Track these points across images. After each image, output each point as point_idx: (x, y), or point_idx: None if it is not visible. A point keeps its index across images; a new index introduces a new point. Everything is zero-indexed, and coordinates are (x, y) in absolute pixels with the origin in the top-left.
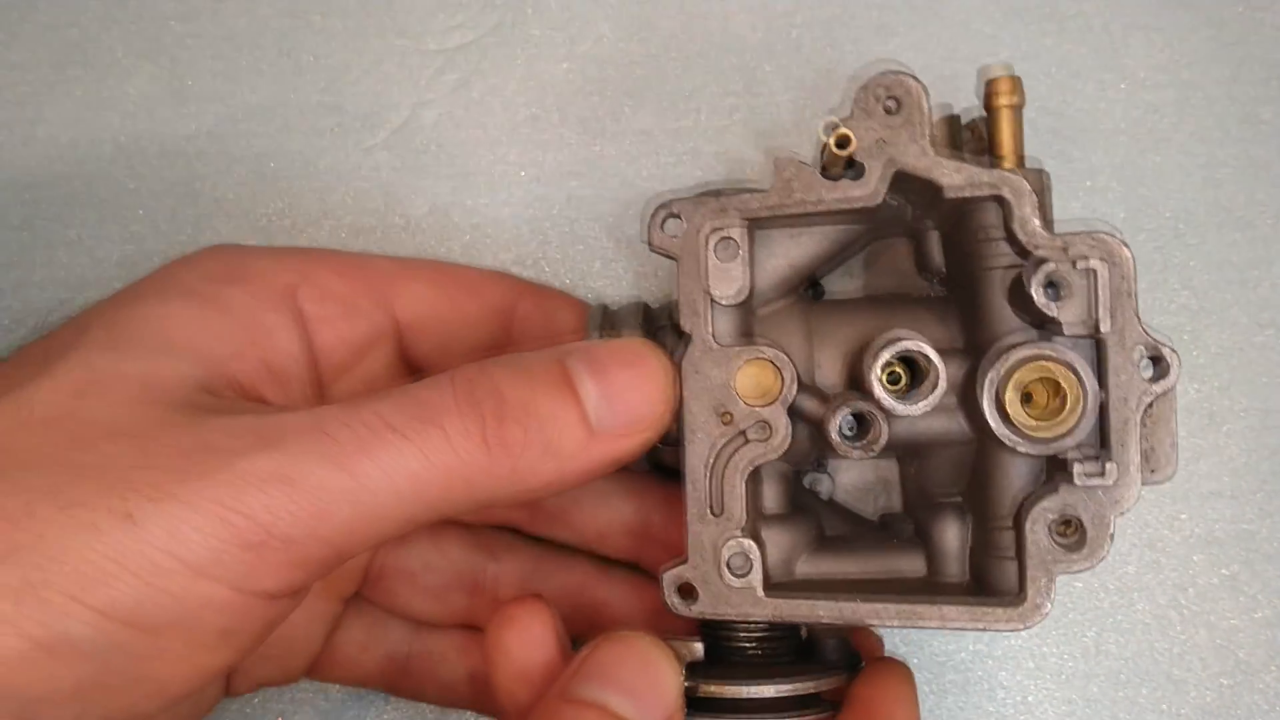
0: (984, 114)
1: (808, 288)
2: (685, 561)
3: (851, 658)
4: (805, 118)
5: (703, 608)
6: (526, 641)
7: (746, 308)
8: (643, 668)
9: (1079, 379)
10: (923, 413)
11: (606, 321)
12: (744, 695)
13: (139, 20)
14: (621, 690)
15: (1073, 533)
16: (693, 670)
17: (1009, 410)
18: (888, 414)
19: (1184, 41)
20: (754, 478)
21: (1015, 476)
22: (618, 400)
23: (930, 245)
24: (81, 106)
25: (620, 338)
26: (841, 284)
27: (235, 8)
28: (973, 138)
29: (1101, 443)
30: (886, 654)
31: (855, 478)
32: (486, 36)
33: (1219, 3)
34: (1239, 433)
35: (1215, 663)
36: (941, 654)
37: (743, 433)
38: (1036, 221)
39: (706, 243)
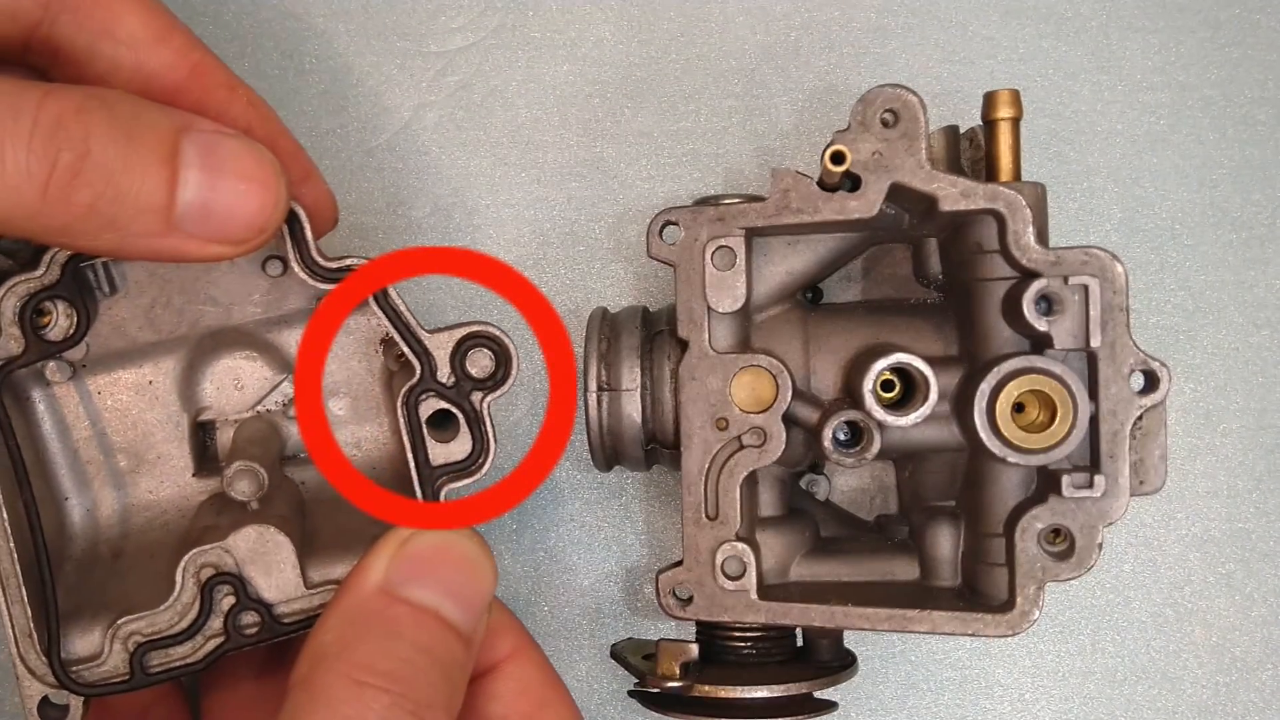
0: (983, 124)
1: (805, 293)
2: (680, 565)
3: (845, 658)
4: (804, 120)
5: (698, 611)
6: None
7: (744, 315)
8: (466, 568)
9: (1070, 393)
10: (914, 424)
11: (606, 324)
12: (738, 696)
13: None
14: (448, 591)
15: (1062, 542)
16: (687, 670)
17: (1000, 423)
18: (880, 424)
19: (1180, 44)
20: (750, 482)
21: (1006, 486)
22: (217, 208)
23: (928, 252)
24: None
25: (237, 139)
26: (839, 289)
27: (237, 9)
28: (971, 147)
29: (1091, 455)
30: (880, 654)
31: (852, 480)
32: (488, 39)
33: (1215, 5)
34: (1235, 432)
35: (1211, 660)
36: (939, 652)
37: (738, 439)
38: (1031, 237)
39: (705, 252)
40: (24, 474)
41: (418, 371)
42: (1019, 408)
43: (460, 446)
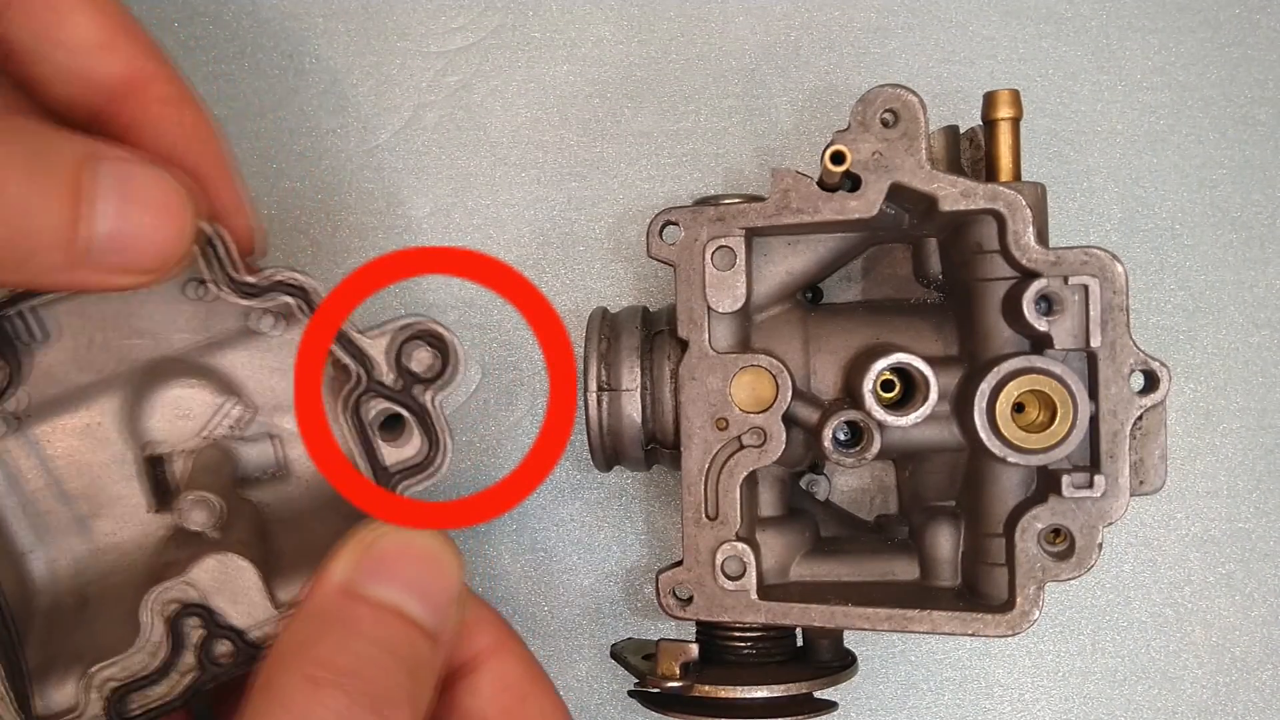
0: (983, 124)
1: (805, 293)
2: (680, 565)
3: (845, 658)
4: (804, 120)
5: (698, 611)
6: None
7: (744, 315)
8: (429, 565)
9: (1070, 393)
10: (914, 424)
11: (606, 324)
12: (738, 696)
13: (141, 22)
14: (411, 589)
15: (1061, 542)
16: (687, 670)
17: (1000, 423)
18: (880, 424)
19: (1180, 43)
20: (750, 482)
21: (1006, 486)
22: (123, 240)
23: (928, 252)
24: None
25: (145, 167)
26: (839, 289)
27: (238, 9)
28: (971, 147)
29: (1091, 455)
30: (880, 654)
31: (852, 480)
32: (488, 39)
33: (1215, 5)
34: (1235, 432)
35: (1211, 660)
36: (939, 652)
37: (738, 439)
38: (1031, 237)
39: (705, 252)
40: None
41: (354, 375)
42: (1019, 408)
43: (413, 447)
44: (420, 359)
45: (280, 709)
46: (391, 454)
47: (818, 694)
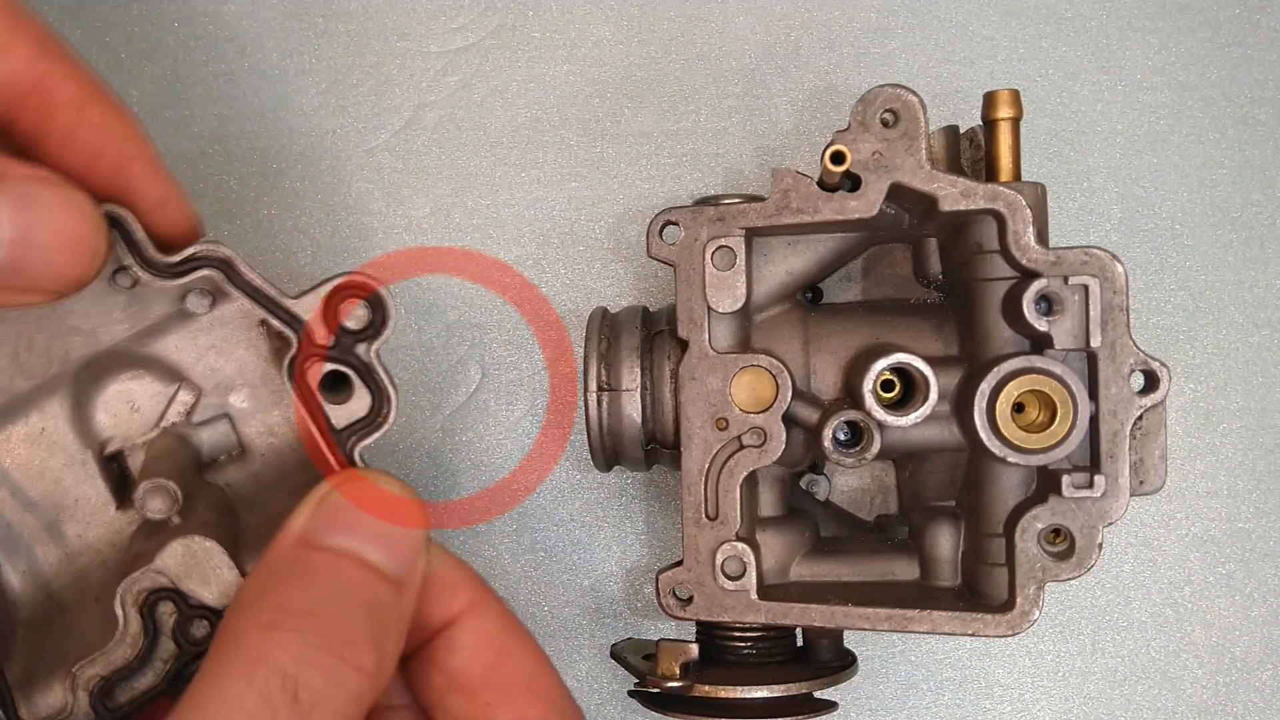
0: (983, 124)
1: (805, 293)
2: (680, 565)
3: (845, 658)
4: (804, 120)
5: (698, 611)
6: None
7: (744, 315)
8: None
9: (1070, 393)
10: (914, 424)
11: (606, 324)
12: (738, 696)
13: (142, 22)
14: (369, 536)
15: (1062, 542)
16: (687, 670)
17: (1000, 423)
18: (880, 424)
19: (1180, 43)
20: (750, 482)
21: (1006, 486)
22: (31, 261)
23: (928, 252)
24: None
25: (53, 186)
26: (839, 289)
27: (237, 10)
28: (971, 147)
29: (1091, 455)
30: (880, 654)
31: (852, 480)
32: (488, 39)
33: (1215, 5)
34: (1235, 432)
35: (1211, 661)
36: (939, 652)
37: (738, 439)
38: (1031, 237)
39: (705, 252)
40: None
41: (292, 340)
42: (1019, 408)
43: (360, 403)
44: (353, 314)
45: (235, 654)
46: (340, 414)
47: (818, 694)
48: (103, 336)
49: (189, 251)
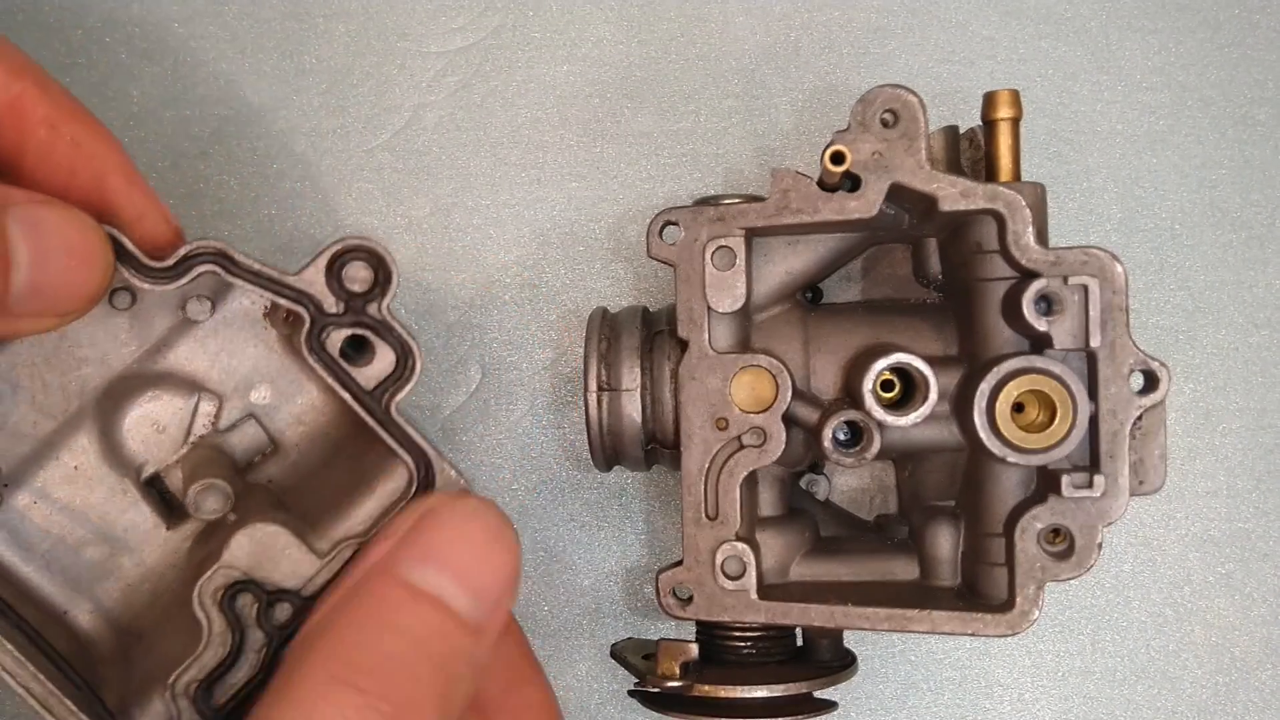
0: (983, 124)
1: (805, 293)
2: (680, 565)
3: (845, 658)
4: (804, 120)
5: (698, 611)
6: None
7: (744, 315)
8: (482, 547)
9: (1069, 393)
10: (914, 424)
11: (606, 324)
12: (738, 696)
13: (142, 22)
14: (456, 573)
15: (1061, 542)
16: (687, 670)
17: (1000, 423)
18: (880, 424)
19: (1180, 44)
20: (750, 482)
21: (1006, 486)
22: (46, 285)
23: (928, 252)
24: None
25: (56, 209)
26: (839, 289)
27: (238, 10)
28: (971, 147)
29: (1091, 455)
30: (880, 654)
31: (852, 480)
32: (488, 39)
33: (1215, 5)
34: (1234, 432)
35: (1211, 660)
36: (939, 651)
37: (738, 439)
38: (1030, 237)
39: (705, 252)
40: (14, 616)
41: (305, 316)
42: (1019, 408)
43: (384, 360)
44: (357, 276)
45: (289, 703)
46: (368, 376)
47: (818, 694)
48: (113, 361)
49: (183, 251)
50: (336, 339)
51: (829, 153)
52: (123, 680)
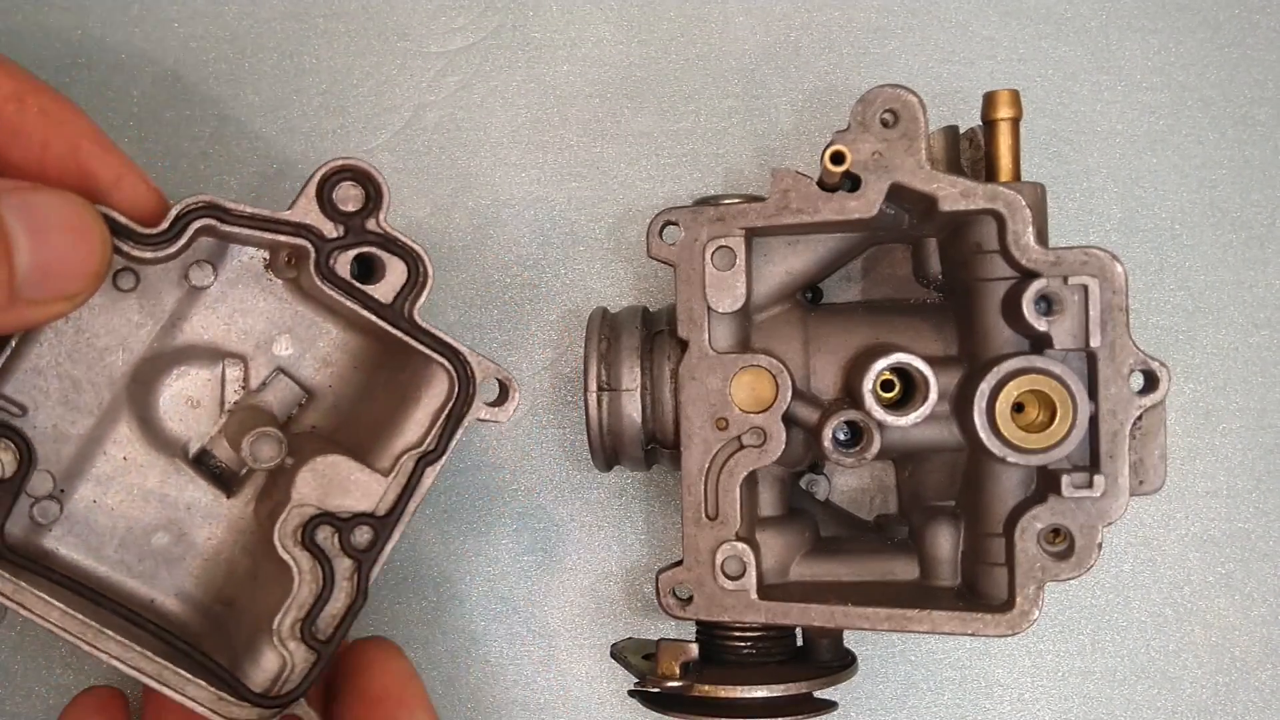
0: (983, 124)
1: (805, 293)
2: (680, 565)
3: (845, 658)
4: (804, 120)
5: (698, 611)
6: None
7: (744, 315)
8: None
9: (1069, 393)
10: (914, 424)
11: (606, 324)
12: (738, 696)
13: (142, 23)
14: None
15: (1061, 542)
16: (687, 670)
17: (999, 423)
18: (880, 424)
19: (1180, 44)
20: (750, 482)
21: (1006, 486)
22: (52, 267)
23: (928, 252)
24: (85, 108)
25: (45, 192)
26: (839, 289)
27: (238, 10)
28: (971, 147)
29: (1091, 455)
30: (880, 654)
31: (852, 480)
32: (488, 39)
33: (1215, 5)
34: (1234, 432)
35: (1211, 660)
36: (939, 651)
37: (738, 439)
38: (1030, 237)
39: (705, 252)
40: (109, 602)
41: (309, 247)
42: (1019, 408)
43: (395, 273)
44: (349, 197)
45: None
46: (384, 292)
47: (818, 694)
48: (133, 345)
49: (175, 210)
50: (345, 263)
51: (829, 153)
52: (225, 648)
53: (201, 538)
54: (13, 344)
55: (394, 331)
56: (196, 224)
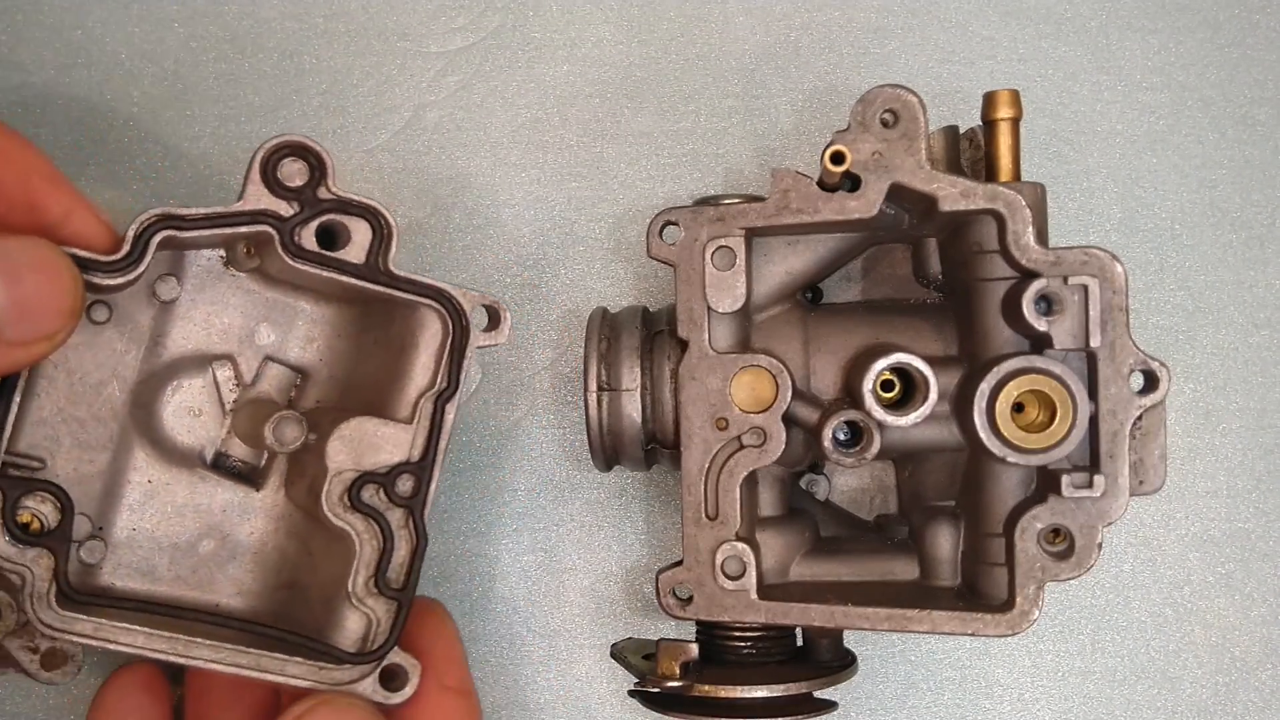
0: (983, 124)
1: (805, 293)
2: (680, 565)
3: (845, 658)
4: (804, 120)
5: (698, 611)
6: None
7: (744, 315)
8: None
9: (1069, 393)
10: (914, 424)
11: (606, 324)
12: (738, 696)
13: (142, 23)
14: None
15: (1061, 542)
16: (687, 670)
17: (1000, 423)
18: (880, 424)
19: (1180, 44)
20: (750, 482)
21: (1006, 486)
22: (28, 306)
23: (928, 252)
24: (85, 108)
25: (14, 236)
26: (839, 289)
27: (238, 10)
28: (971, 147)
29: (1091, 455)
30: (880, 654)
31: (852, 480)
32: (488, 39)
33: (1215, 5)
34: (1234, 432)
35: (1211, 660)
36: (939, 652)
37: (738, 439)
38: (1030, 237)
39: (705, 252)
40: (188, 611)
41: (271, 230)
42: (1019, 408)
43: (360, 233)
44: (292, 172)
45: None
46: (354, 252)
47: (818, 694)
48: (124, 372)
49: (133, 230)
50: (309, 236)
51: (829, 153)
52: (303, 626)
53: (244, 534)
54: (16, 401)
55: (376, 288)
56: (157, 238)
